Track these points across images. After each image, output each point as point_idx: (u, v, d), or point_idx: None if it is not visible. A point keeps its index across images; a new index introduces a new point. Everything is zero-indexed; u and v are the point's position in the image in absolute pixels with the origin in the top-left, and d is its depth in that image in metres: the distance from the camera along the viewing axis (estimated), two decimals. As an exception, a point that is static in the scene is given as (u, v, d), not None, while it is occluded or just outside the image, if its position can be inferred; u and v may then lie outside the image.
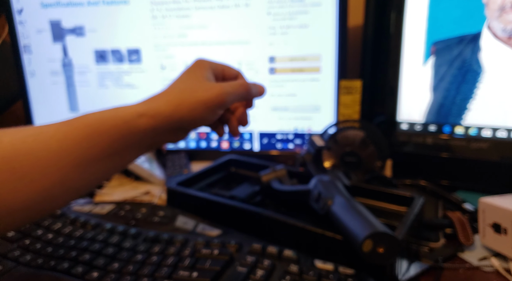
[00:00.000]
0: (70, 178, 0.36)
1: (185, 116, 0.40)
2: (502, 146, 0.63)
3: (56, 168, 0.35)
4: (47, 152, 0.35)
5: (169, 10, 0.77)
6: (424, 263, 0.47)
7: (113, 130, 0.39)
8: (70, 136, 0.37)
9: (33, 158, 0.34)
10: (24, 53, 0.84)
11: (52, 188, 0.35)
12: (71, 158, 0.36)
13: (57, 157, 0.35)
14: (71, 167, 0.36)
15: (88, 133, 0.38)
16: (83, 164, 0.37)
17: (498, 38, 0.60)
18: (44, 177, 0.35)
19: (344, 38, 0.73)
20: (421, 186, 0.67)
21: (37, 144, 0.36)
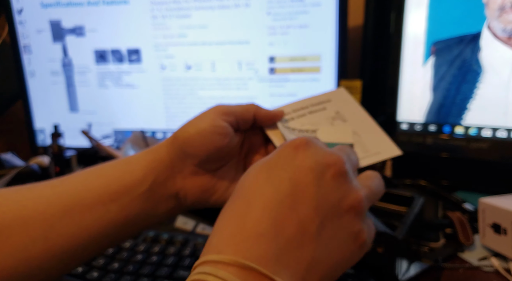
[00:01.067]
0: (55, 230, 0.31)
1: (179, 135, 0.35)
2: (502, 146, 0.63)
3: (40, 217, 0.31)
4: (36, 199, 0.32)
5: (169, 10, 0.77)
6: (424, 263, 0.47)
7: (111, 170, 0.35)
8: (66, 181, 0.34)
9: (19, 206, 0.31)
10: (24, 53, 0.84)
11: (33, 244, 0.30)
12: (60, 205, 0.32)
13: (44, 204, 0.32)
14: (57, 216, 0.31)
15: (85, 177, 0.34)
16: (72, 211, 0.32)
17: (498, 38, 0.60)
18: (25, 229, 0.30)
19: (344, 38, 0.73)
20: (421, 186, 0.67)
21: (31, 191, 0.33)
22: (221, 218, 0.25)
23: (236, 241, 0.22)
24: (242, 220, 0.23)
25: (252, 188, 0.25)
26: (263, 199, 0.24)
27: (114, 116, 0.84)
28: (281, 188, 0.24)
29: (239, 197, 0.26)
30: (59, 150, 0.80)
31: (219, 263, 0.21)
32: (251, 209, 0.24)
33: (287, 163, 0.26)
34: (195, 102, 0.80)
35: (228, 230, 0.23)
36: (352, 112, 0.39)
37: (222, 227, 0.24)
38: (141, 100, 0.82)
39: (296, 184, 0.25)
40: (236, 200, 0.26)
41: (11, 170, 0.74)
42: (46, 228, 0.30)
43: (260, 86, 0.78)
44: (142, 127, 0.83)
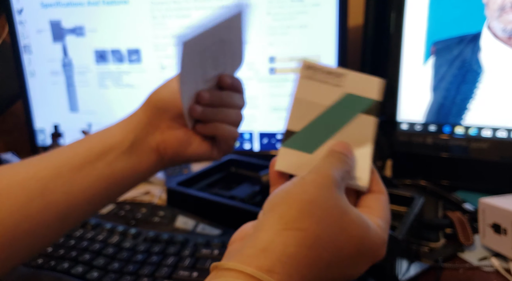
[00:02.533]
0: (50, 189, 0.34)
1: (153, 96, 0.42)
2: (502, 146, 0.63)
3: (34, 178, 0.33)
4: (26, 165, 0.35)
5: (169, 10, 0.77)
6: (424, 263, 0.47)
7: (94, 135, 0.39)
8: (55, 151, 0.37)
9: (11, 171, 0.34)
10: (24, 53, 0.84)
11: (31, 202, 0.33)
12: (50, 167, 0.35)
13: (35, 167, 0.35)
14: (50, 176, 0.34)
15: (72, 144, 0.38)
16: (62, 171, 0.35)
17: (498, 38, 0.60)
18: (21, 189, 0.33)
19: (344, 38, 0.73)
20: (421, 186, 0.67)
21: (20, 162, 0.36)
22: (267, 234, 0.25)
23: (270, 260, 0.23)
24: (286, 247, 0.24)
25: (340, 252, 0.25)
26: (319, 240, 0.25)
27: (114, 116, 0.84)
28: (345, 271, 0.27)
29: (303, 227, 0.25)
30: (59, 150, 0.80)
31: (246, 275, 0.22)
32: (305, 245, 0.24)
33: (355, 270, 0.27)
34: (195, 102, 0.80)
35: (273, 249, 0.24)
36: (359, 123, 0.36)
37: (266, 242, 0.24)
38: (141, 100, 0.82)
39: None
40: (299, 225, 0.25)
41: (11, 170, 0.74)
42: (40, 187, 0.33)
43: (260, 86, 0.78)
44: (142, 127, 0.83)
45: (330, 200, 0.26)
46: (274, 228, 0.24)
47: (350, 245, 0.25)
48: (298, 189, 0.26)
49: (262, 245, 0.24)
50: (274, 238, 0.24)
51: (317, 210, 0.25)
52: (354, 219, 0.26)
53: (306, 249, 0.24)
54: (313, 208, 0.25)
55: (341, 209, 0.26)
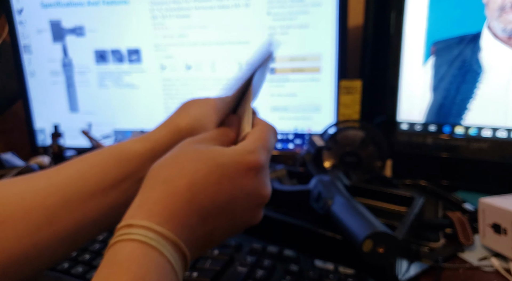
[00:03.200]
0: (58, 217, 0.32)
1: (184, 127, 0.37)
2: (502, 146, 0.63)
3: (42, 206, 0.31)
4: (34, 190, 0.32)
5: (169, 10, 0.77)
6: (424, 263, 0.47)
7: (107, 159, 0.35)
8: (61, 172, 0.34)
9: (18, 198, 0.31)
10: (24, 53, 0.84)
11: (38, 231, 0.31)
12: (60, 194, 0.32)
13: (44, 194, 0.32)
14: (59, 205, 0.32)
15: (80, 167, 0.34)
16: (72, 200, 0.33)
17: (498, 38, 0.60)
18: (29, 217, 0.31)
19: (344, 38, 0.73)
20: (421, 186, 0.67)
21: (26, 183, 0.33)
22: (151, 186, 0.29)
23: (159, 207, 0.27)
24: (167, 194, 0.28)
25: (197, 174, 0.29)
26: (195, 187, 0.28)
27: (114, 116, 0.84)
28: (221, 195, 0.29)
29: (177, 173, 0.29)
30: (59, 150, 0.80)
31: (147, 229, 0.25)
32: (178, 187, 0.28)
33: (235, 179, 0.30)
34: (195, 102, 0.80)
35: (154, 199, 0.27)
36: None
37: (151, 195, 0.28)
38: (141, 100, 0.82)
39: (230, 199, 0.29)
40: (172, 172, 0.29)
41: (11, 170, 0.74)
42: (49, 216, 0.32)
43: (260, 86, 0.78)
44: (142, 127, 0.83)
45: (183, 150, 0.31)
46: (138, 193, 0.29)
47: (204, 165, 0.29)
48: (160, 160, 0.31)
49: (137, 203, 0.28)
50: (135, 198, 0.28)
51: (168, 160, 0.30)
52: (210, 150, 0.31)
53: (159, 186, 0.28)
54: (163, 162, 0.30)
55: (194, 150, 0.31)
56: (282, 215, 0.47)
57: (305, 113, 0.78)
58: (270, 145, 0.33)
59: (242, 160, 0.30)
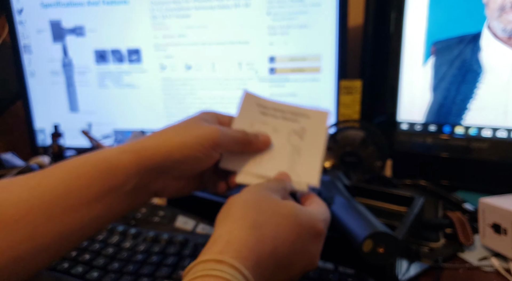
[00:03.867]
0: (40, 231, 0.31)
1: (174, 151, 0.36)
2: (502, 146, 0.63)
3: (24, 220, 0.30)
4: (15, 202, 0.31)
5: (169, 10, 0.77)
6: (424, 263, 0.47)
7: (92, 171, 0.34)
8: (44, 182, 0.32)
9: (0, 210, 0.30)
10: (24, 53, 0.84)
11: (20, 245, 0.30)
12: (43, 208, 0.31)
13: (27, 207, 0.31)
14: (41, 218, 0.31)
15: (63, 177, 0.33)
16: (56, 214, 0.31)
17: (498, 38, 0.60)
18: (10, 231, 0.30)
19: (344, 38, 0.73)
20: (421, 186, 0.67)
21: (6, 193, 0.31)
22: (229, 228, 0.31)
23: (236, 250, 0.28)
24: (256, 240, 0.30)
25: (280, 228, 0.32)
26: (278, 240, 0.31)
27: (114, 116, 0.84)
28: (293, 253, 0.32)
29: (258, 221, 0.31)
30: (59, 150, 0.80)
31: (224, 263, 0.27)
32: (265, 236, 0.30)
33: (306, 241, 0.33)
34: (195, 102, 0.80)
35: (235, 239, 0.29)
36: (314, 136, 0.42)
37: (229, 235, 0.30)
38: (141, 100, 0.82)
39: (297, 258, 0.32)
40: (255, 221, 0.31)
41: (11, 170, 0.74)
42: (30, 230, 0.31)
43: (260, 86, 0.78)
44: (142, 127, 0.83)
45: (264, 197, 0.34)
46: (224, 225, 0.31)
47: (286, 220, 0.32)
48: (240, 197, 0.34)
49: (214, 239, 0.30)
50: (222, 231, 0.30)
51: (252, 204, 0.33)
52: (287, 204, 0.34)
53: (248, 229, 0.30)
54: (249, 204, 0.33)
55: (273, 200, 0.34)
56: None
57: (305, 113, 0.78)
58: (329, 221, 0.37)
59: (316, 225, 0.33)
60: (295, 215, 0.33)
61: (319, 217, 0.34)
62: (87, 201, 0.33)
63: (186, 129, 0.38)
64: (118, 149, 0.36)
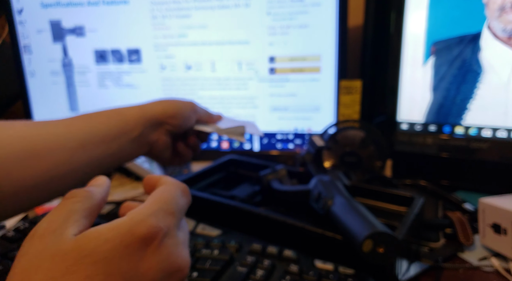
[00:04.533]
0: (75, 158, 0.41)
1: (167, 109, 0.51)
2: (502, 146, 0.63)
3: (63, 148, 0.41)
4: (55, 135, 0.41)
5: (169, 10, 0.77)
6: (424, 263, 0.47)
7: (111, 118, 0.47)
8: (76, 122, 0.44)
9: (43, 138, 0.40)
10: (24, 53, 0.84)
11: (59, 167, 0.40)
12: (76, 140, 0.42)
13: (64, 138, 0.41)
14: (75, 148, 0.42)
15: (89, 121, 0.45)
16: (86, 146, 0.42)
17: (498, 38, 0.60)
18: (52, 156, 0.40)
19: (344, 38, 0.73)
20: (421, 186, 0.67)
21: (47, 127, 0.42)
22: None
23: None
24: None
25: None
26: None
27: (114, 116, 0.84)
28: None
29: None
30: (59, 149, 0.80)
31: None
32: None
33: (129, 270, 0.21)
34: (195, 102, 0.80)
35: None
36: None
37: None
38: (141, 100, 0.82)
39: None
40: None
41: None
42: (68, 156, 0.41)
43: (260, 86, 0.78)
44: (142, 127, 0.83)
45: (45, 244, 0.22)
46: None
47: (71, 265, 0.20)
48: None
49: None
50: None
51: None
52: (68, 239, 0.22)
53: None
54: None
55: (53, 239, 0.22)
56: (282, 215, 0.47)
57: (305, 114, 0.78)
58: (175, 206, 0.26)
59: (128, 236, 0.22)
60: (81, 247, 0.21)
61: (135, 219, 0.23)
62: (106, 140, 0.45)
63: (177, 99, 0.54)
64: (129, 106, 0.50)
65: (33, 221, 0.51)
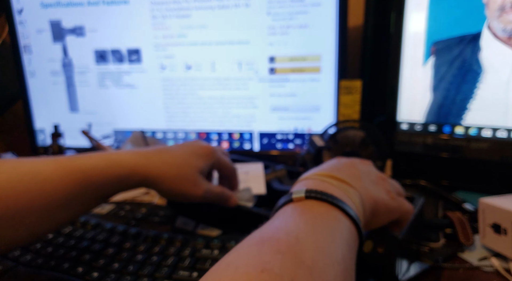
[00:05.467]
0: (57, 217, 0.38)
1: (165, 190, 0.44)
2: (502, 146, 0.63)
3: (47, 208, 0.37)
4: (41, 193, 0.37)
5: (169, 10, 0.77)
6: (424, 263, 0.47)
7: (103, 179, 0.40)
8: (65, 180, 0.39)
9: (28, 197, 0.36)
10: (24, 53, 0.84)
11: (40, 226, 0.37)
12: (62, 201, 0.38)
13: (50, 198, 0.37)
14: (60, 209, 0.38)
15: (82, 179, 0.39)
16: (71, 206, 0.39)
17: (498, 38, 0.60)
18: (35, 216, 0.36)
19: (344, 38, 0.73)
20: (421, 186, 0.67)
21: (33, 184, 0.37)
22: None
23: (320, 171, 0.36)
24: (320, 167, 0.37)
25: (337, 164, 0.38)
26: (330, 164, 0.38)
27: (114, 116, 0.84)
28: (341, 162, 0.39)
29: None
30: (59, 150, 0.80)
31: (318, 174, 0.35)
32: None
33: (358, 165, 0.39)
34: (195, 102, 0.80)
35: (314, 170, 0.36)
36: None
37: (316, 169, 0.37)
38: (141, 100, 0.82)
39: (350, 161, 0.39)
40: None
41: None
42: (51, 216, 0.38)
43: (260, 86, 0.78)
44: (142, 127, 0.83)
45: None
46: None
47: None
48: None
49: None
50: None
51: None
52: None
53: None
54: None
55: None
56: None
57: (305, 113, 0.78)
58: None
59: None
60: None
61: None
62: (95, 198, 0.41)
63: (185, 177, 0.45)
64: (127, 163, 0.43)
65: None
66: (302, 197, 0.30)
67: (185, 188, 0.44)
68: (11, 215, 0.35)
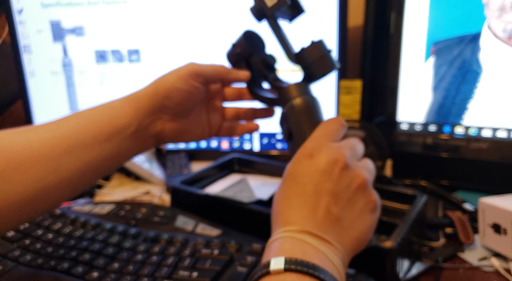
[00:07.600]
0: (63, 166, 0.37)
1: (159, 89, 0.43)
2: (502, 146, 0.63)
3: (49, 156, 0.36)
4: (40, 141, 0.37)
5: (170, 11, 0.77)
6: (424, 263, 0.47)
7: (102, 116, 0.41)
8: (62, 125, 0.39)
9: (26, 148, 0.36)
10: (24, 53, 0.84)
11: (46, 177, 0.36)
12: (64, 145, 0.37)
13: (50, 145, 0.37)
14: (64, 155, 0.37)
15: (78, 122, 0.40)
16: (75, 151, 0.38)
17: (498, 38, 0.60)
18: (39, 165, 0.36)
19: (344, 38, 0.73)
20: (421, 186, 0.67)
21: (32, 134, 0.37)
22: (278, 206, 0.35)
23: (292, 221, 0.32)
24: (290, 210, 0.33)
25: (289, 192, 0.34)
26: (299, 198, 0.33)
27: (114, 116, 0.84)
28: (307, 189, 0.33)
29: (284, 196, 0.35)
30: (59, 150, 0.80)
31: (292, 231, 0.31)
32: (294, 203, 0.33)
33: (306, 170, 0.34)
34: (195, 102, 0.80)
35: (284, 215, 0.33)
36: None
37: (280, 214, 0.34)
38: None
39: (316, 184, 0.33)
40: (284, 197, 0.35)
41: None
42: (55, 164, 0.37)
43: (260, 86, 0.77)
44: (142, 127, 0.83)
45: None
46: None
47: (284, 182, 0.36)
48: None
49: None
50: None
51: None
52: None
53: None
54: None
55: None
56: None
57: (305, 113, 0.78)
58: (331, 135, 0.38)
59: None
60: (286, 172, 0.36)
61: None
62: (99, 141, 0.40)
63: (168, 73, 0.45)
64: (120, 100, 0.43)
65: (33, 221, 0.51)
66: (281, 269, 0.27)
67: (172, 71, 0.45)
68: (13, 167, 0.35)
